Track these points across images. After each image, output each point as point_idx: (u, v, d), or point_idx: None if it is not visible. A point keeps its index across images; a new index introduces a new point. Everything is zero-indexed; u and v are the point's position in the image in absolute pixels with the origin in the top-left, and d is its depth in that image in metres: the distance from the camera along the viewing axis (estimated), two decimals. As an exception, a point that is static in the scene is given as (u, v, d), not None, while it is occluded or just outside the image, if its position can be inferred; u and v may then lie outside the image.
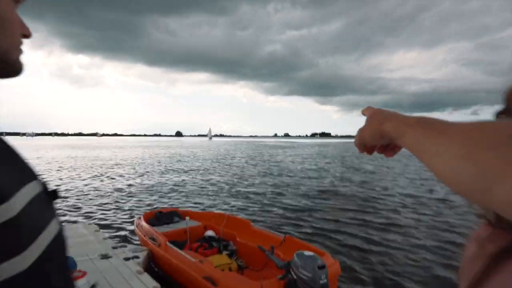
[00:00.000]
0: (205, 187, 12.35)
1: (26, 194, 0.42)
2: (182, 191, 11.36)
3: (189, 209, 6.80)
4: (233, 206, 8.97)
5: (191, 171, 18.29)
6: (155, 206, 8.87)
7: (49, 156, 30.10)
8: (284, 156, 33.10)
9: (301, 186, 12.77)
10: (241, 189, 11.79)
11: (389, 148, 0.51)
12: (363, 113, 0.52)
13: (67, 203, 9.36)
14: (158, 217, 5.55)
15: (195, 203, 9.44)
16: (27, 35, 0.55)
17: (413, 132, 0.40)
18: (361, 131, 0.50)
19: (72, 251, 4.26)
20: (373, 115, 0.49)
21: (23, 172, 0.46)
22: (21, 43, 0.53)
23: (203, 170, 19.14)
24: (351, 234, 6.65)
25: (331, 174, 17.10)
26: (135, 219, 5.57)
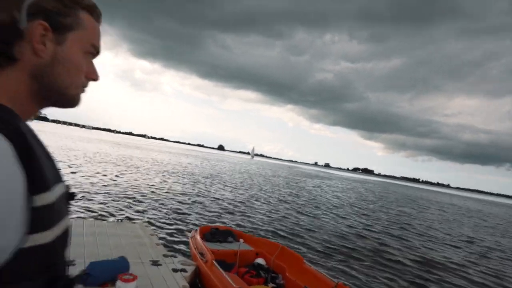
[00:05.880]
0: (269, 214, 12.09)
1: (59, 189, 0.59)
2: (243, 212, 11.13)
3: (246, 231, 6.69)
4: (292, 240, 8.60)
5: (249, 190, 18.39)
6: (214, 221, 8.83)
7: (119, 154, 33.21)
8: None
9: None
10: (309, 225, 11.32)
11: None
12: None
13: (129, 200, 9.92)
14: (213, 233, 5.51)
15: (253, 226, 9.28)
16: (94, 79, 0.70)
17: None
18: None
19: (126, 251, 4.41)
20: None
21: (57, 172, 0.62)
22: (84, 84, 0.68)
23: (268, 192, 19.13)
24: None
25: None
26: (192, 231, 5.63)
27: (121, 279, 3.47)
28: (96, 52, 0.69)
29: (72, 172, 13.33)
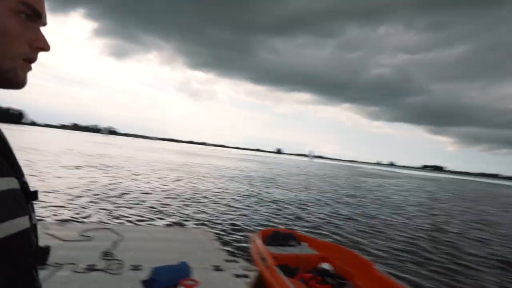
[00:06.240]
0: (329, 218, 11.74)
1: (3, 183, 0.48)
2: (303, 214, 10.90)
3: (308, 234, 6.42)
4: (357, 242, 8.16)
5: (314, 194, 17.95)
6: (274, 224, 8.78)
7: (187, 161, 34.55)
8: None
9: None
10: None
11: None
12: None
13: (192, 205, 10.18)
14: (274, 237, 5.34)
15: (314, 229, 8.98)
16: (43, 48, 0.56)
17: None
18: None
19: (189, 256, 4.43)
20: None
21: (9, 167, 0.52)
22: (27, 55, 0.53)
23: (329, 196, 18.59)
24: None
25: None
26: (253, 234, 5.53)
27: (183, 284, 3.44)
28: (34, 14, 0.53)
29: (133, 180, 14.15)
